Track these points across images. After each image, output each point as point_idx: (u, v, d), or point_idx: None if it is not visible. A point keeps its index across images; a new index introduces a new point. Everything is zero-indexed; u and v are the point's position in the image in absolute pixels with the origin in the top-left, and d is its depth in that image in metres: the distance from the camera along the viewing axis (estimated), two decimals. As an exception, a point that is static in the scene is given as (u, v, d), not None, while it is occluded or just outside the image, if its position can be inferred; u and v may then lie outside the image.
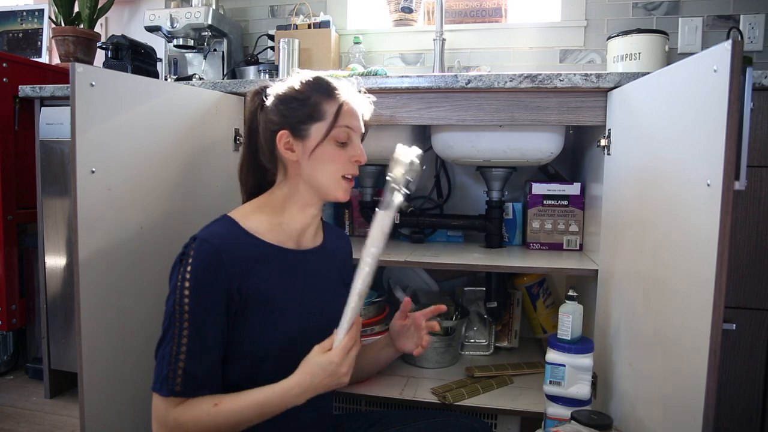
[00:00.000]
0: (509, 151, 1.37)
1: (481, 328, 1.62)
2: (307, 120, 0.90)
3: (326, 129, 0.89)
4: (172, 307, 0.80)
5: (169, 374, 0.78)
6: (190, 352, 0.79)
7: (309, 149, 0.90)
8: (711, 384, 0.70)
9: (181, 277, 0.81)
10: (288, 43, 1.79)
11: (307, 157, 0.90)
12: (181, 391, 0.78)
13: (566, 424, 0.96)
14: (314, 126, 0.90)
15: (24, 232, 1.71)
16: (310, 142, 0.90)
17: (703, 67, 0.75)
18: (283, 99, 0.91)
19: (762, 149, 1.14)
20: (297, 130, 0.90)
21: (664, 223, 0.88)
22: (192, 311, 0.79)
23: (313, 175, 0.91)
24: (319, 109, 0.90)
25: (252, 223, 0.90)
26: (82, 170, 0.94)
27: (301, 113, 0.90)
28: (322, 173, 0.91)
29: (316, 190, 0.93)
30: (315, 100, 0.90)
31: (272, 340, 0.87)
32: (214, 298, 0.81)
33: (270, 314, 0.87)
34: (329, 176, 0.91)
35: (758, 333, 1.17)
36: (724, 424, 1.19)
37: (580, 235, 1.51)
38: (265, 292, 0.87)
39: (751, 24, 1.69)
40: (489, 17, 1.95)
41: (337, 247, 1.05)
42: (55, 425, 1.47)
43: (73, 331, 1.55)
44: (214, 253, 0.82)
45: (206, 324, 0.80)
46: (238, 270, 0.84)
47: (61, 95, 1.51)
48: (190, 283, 0.80)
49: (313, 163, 0.90)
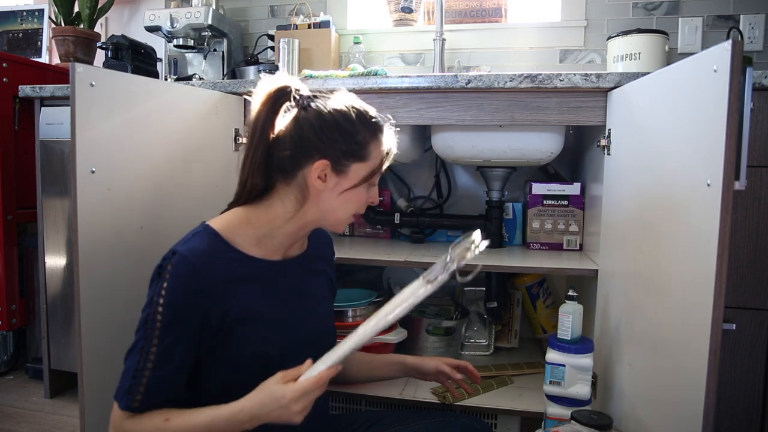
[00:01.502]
0: (509, 151, 1.37)
1: (481, 328, 1.62)
2: (350, 156, 0.84)
3: (368, 173, 0.86)
4: (145, 319, 0.78)
5: (131, 389, 0.77)
6: (155, 371, 0.77)
7: (342, 187, 0.85)
8: (711, 384, 0.70)
9: (157, 292, 0.78)
10: (288, 43, 1.79)
11: (337, 194, 0.86)
12: (138, 408, 0.77)
13: (566, 424, 0.96)
14: (355, 165, 0.85)
15: (24, 232, 1.71)
16: (345, 181, 0.85)
17: (703, 67, 0.75)
18: (328, 122, 0.84)
19: (762, 149, 1.14)
20: (338, 164, 0.84)
21: (664, 223, 0.88)
22: (163, 330, 0.77)
23: (332, 211, 0.87)
24: (365, 148, 0.85)
25: (237, 236, 0.85)
26: (82, 170, 0.94)
27: (346, 147, 0.84)
28: (342, 211, 0.88)
29: (323, 220, 0.89)
30: (363, 137, 0.85)
31: (261, 355, 0.85)
32: (187, 320, 0.79)
33: (256, 330, 0.85)
34: (346, 214, 0.89)
35: (758, 333, 1.17)
36: (724, 424, 1.19)
37: (580, 235, 1.51)
38: (250, 310, 0.84)
39: (751, 24, 1.69)
40: (489, 17, 1.95)
41: (322, 250, 1.03)
42: (55, 425, 1.47)
43: (73, 331, 1.55)
44: (192, 272, 0.79)
45: (175, 345, 0.78)
46: (218, 289, 0.81)
47: (61, 95, 1.51)
48: (165, 301, 0.77)
49: (340, 201, 0.87)
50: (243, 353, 0.84)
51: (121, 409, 0.77)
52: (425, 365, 1.07)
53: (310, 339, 0.92)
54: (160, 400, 0.78)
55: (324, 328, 0.98)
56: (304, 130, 0.84)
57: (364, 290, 1.53)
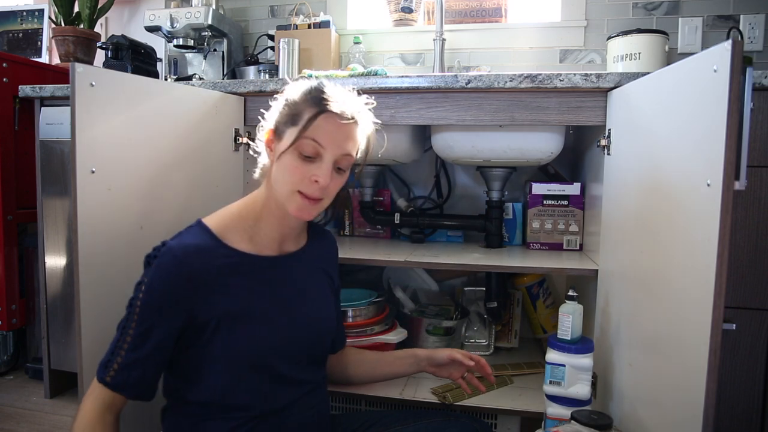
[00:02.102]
0: (509, 151, 1.37)
1: (481, 328, 1.62)
2: (287, 121, 0.86)
3: (295, 135, 0.83)
4: (131, 301, 0.83)
5: (108, 363, 0.81)
6: (130, 350, 0.81)
7: (278, 152, 0.86)
8: (711, 384, 0.70)
9: (142, 279, 0.82)
10: (288, 43, 1.79)
11: (276, 160, 0.86)
12: (110, 383, 0.80)
13: (566, 424, 0.96)
14: (289, 129, 0.85)
15: (24, 232, 1.71)
16: (281, 145, 0.86)
17: (703, 67, 0.75)
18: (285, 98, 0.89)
19: (762, 149, 1.14)
20: (278, 130, 0.87)
21: (664, 222, 0.88)
22: (141, 314, 0.81)
23: (275, 181, 0.87)
24: (299, 113, 0.85)
25: (229, 231, 0.87)
26: (82, 170, 0.94)
27: (285, 114, 0.87)
28: (281, 182, 0.86)
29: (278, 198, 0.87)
30: (302, 104, 0.85)
31: (255, 353, 0.85)
32: (166, 310, 0.81)
33: (248, 328, 0.85)
34: (284, 186, 0.85)
35: (758, 333, 1.17)
36: (724, 424, 1.19)
37: (580, 235, 1.51)
38: (240, 307, 0.85)
39: (751, 24, 1.69)
40: (489, 17, 1.95)
41: (322, 247, 1.02)
42: (55, 425, 1.47)
43: (73, 331, 1.54)
44: (176, 265, 0.81)
45: (151, 331, 0.81)
46: (204, 284, 0.82)
47: (61, 95, 1.51)
48: (146, 288, 0.81)
49: (276, 168, 0.86)
50: (236, 349, 0.84)
51: (98, 381, 0.81)
52: (437, 354, 1.10)
53: (306, 337, 0.92)
54: (131, 381, 0.81)
55: (321, 327, 0.97)
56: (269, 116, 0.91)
57: (364, 290, 1.53)
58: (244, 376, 0.85)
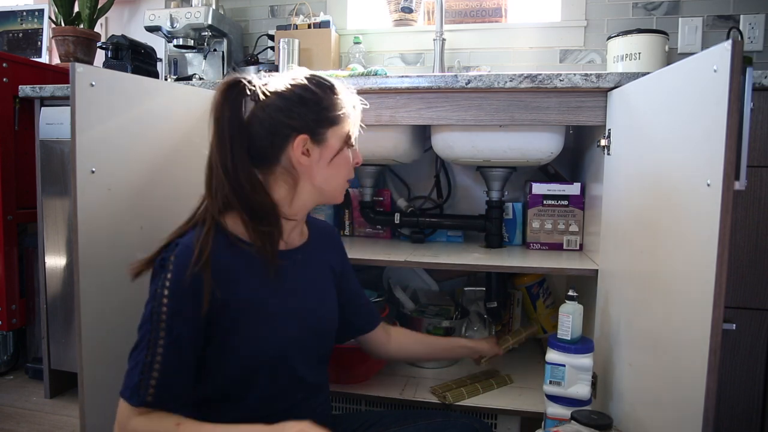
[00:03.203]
0: (509, 151, 1.37)
1: (481, 328, 1.62)
2: (324, 123, 0.86)
3: (345, 134, 0.88)
4: (150, 313, 0.78)
5: (141, 383, 0.76)
6: (165, 363, 0.76)
7: (328, 156, 0.87)
8: (711, 384, 0.70)
9: (161, 284, 0.78)
10: (288, 43, 1.79)
11: (326, 164, 0.87)
12: (152, 402, 0.76)
13: (566, 424, 0.96)
14: (330, 130, 0.86)
15: (24, 232, 1.71)
16: (328, 149, 0.86)
17: (703, 67, 0.75)
18: (291, 99, 0.85)
19: (762, 149, 1.14)
20: (316, 135, 0.85)
21: (664, 223, 0.88)
22: (169, 321, 0.77)
23: (328, 181, 0.88)
24: (333, 111, 0.86)
25: (237, 226, 0.86)
26: (82, 170, 0.94)
27: (316, 116, 0.85)
28: (336, 179, 0.89)
29: (321, 194, 0.90)
30: (327, 101, 0.86)
31: (267, 346, 0.85)
32: (193, 309, 0.78)
33: (262, 321, 0.85)
34: (341, 181, 0.90)
35: (758, 333, 1.17)
36: (724, 424, 1.19)
37: (580, 235, 1.51)
38: (254, 300, 0.84)
39: (751, 24, 1.69)
40: (489, 17, 1.95)
41: (323, 239, 1.02)
42: (55, 425, 1.47)
43: (73, 331, 1.55)
44: (197, 261, 0.78)
45: (182, 336, 0.77)
46: (220, 276, 0.80)
47: (61, 95, 1.51)
48: (169, 292, 0.77)
49: (331, 169, 0.88)
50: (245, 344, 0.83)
51: (134, 405, 0.76)
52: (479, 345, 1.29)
53: (314, 333, 0.92)
54: (173, 394, 0.77)
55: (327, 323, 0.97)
56: (273, 114, 0.84)
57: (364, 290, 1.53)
58: (254, 372, 0.85)
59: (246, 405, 0.85)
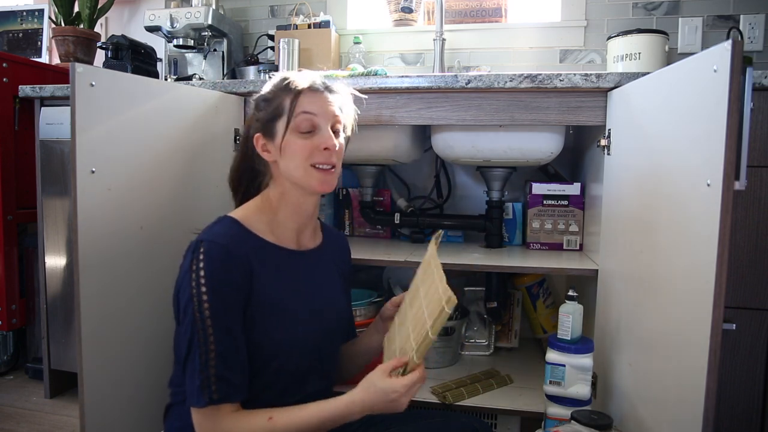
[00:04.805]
0: (509, 151, 1.37)
1: (481, 328, 1.62)
2: (273, 118, 0.90)
3: (286, 121, 0.89)
4: (193, 315, 0.78)
5: (203, 384, 0.77)
6: (220, 356, 0.78)
7: (279, 146, 0.90)
8: (711, 384, 0.70)
9: (196, 283, 0.79)
10: (288, 43, 1.79)
11: (280, 155, 0.90)
12: (219, 398, 0.77)
13: (566, 424, 0.96)
14: (278, 122, 0.90)
15: (24, 232, 1.71)
16: (278, 139, 0.90)
17: (703, 67, 0.75)
18: (256, 103, 0.94)
19: (762, 149, 1.14)
20: (267, 131, 0.91)
21: (664, 223, 0.88)
22: (214, 315, 0.78)
23: (287, 171, 0.90)
24: (280, 104, 0.90)
25: (254, 222, 0.90)
26: (82, 170, 0.94)
27: (267, 113, 0.91)
28: (293, 166, 0.90)
29: (295, 186, 0.92)
30: (278, 98, 0.91)
31: (278, 342, 0.86)
32: (233, 297, 0.81)
33: (278, 316, 0.87)
34: (299, 168, 0.89)
35: (758, 333, 1.17)
36: (724, 424, 1.19)
37: (580, 235, 1.51)
38: (272, 294, 0.87)
39: (751, 24, 1.69)
40: (489, 17, 1.95)
41: (336, 247, 1.05)
42: (55, 425, 1.47)
43: (73, 331, 1.55)
44: (225, 252, 0.82)
45: (230, 325, 0.80)
46: (247, 270, 0.84)
47: (61, 95, 1.51)
48: (207, 287, 0.79)
49: (284, 159, 0.90)
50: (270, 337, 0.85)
51: (203, 406, 0.77)
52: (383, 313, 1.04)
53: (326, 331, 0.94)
54: (235, 385, 0.79)
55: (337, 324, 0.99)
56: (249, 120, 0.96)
57: (364, 290, 1.53)
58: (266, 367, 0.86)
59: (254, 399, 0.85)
